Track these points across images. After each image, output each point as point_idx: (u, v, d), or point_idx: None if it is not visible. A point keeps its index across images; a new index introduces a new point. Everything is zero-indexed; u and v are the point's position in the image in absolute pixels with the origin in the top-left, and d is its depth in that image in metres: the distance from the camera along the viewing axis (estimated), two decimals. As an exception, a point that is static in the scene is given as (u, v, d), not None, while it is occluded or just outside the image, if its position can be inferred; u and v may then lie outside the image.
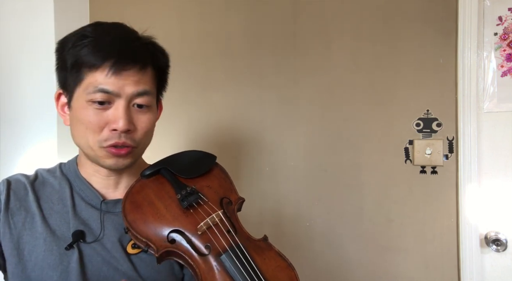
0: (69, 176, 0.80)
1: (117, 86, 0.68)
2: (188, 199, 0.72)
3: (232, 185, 0.81)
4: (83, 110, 0.70)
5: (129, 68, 0.69)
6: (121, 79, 0.69)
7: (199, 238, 0.69)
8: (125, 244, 0.74)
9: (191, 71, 1.50)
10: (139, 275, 0.73)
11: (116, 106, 0.70)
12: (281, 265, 0.69)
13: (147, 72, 0.73)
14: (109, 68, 0.68)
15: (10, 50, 1.44)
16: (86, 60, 0.69)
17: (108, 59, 0.68)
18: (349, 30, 1.40)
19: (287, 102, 1.44)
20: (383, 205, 1.36)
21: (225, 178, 0.81)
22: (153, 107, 0.76)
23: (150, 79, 0.74)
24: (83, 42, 0.69)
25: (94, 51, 0.68)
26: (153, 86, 0.75)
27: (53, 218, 0.74)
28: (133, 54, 0.70)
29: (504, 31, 1.29)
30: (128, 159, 0.74)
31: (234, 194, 0.79)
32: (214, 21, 1.50)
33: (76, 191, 0.78)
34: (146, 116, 0.74)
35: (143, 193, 0.74)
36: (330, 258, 1.40)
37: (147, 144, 0.78)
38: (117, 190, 0.80)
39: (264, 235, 0.74)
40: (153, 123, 0.76)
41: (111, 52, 0.68)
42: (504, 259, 1.28)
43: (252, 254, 0.69)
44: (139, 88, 0.70)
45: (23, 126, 1.43)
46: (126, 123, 0.69)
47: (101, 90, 0.68)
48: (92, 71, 0.69)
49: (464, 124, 1.29)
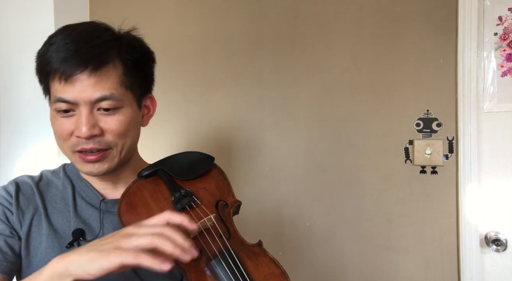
0: (72, 176, 0.81)
1: (74, 93, 0.66)
2: (182, 202, 0.71)
3: (229, 187, 0.79)
4: (53, 119, 0.71)
5: (80, 72, 0.65)
6: (76, 85, 0.66)
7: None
8: None
9: (191, 71, 1.50)
10: (137, 275, 0.73)
11: (78, 113, 0.68)
12: (274, 272, 0.67)
13: (106, 72, 0.68)
14: (59, 76, 0.66)
15: (11, 50, 1.44)
16: (46, 69, 0.68)
17: (59, 65, 0.66)
18: (349, 30, 1.40)
19: (287, 102, 1.44)
20: (383, 205, 1.36)
21: (222, 180, 0.80)
22: (124, 108, 0.71)
23: (112, 79, 0.68)
24: (46, 50, 0.68)
25: (48, 59, 0.67)
26: (118, 87, 0.69)
27: (55, 217, 0.75)
28: (82, 56, 0.66)
29: (504, 31, 1.29)
30: (105, 163, 0.71)
31: (231, 196, 0.77)
32: (214, 21, 1.50)
33: (78, 191, 0.79)
34: (114, 118, 0.70)
35: (139, 194, 0.74)
36: (330, 258, 1.40)
37: (128, 144, 0.74)
38: (117, 190, 0.81)
39: (258, 240, 0.72)
40: (127, 123, 0.71)
41: (61, 58, 0.66)
42: (504, 259, 1.28)
43: (244, 260, 0.67)
44: (96, 94, 0.66)
45: (23, 126, 1.43)
46: (87, 129, 0.67)
47: (59, 100, 0.67)
48: (52, 80, 0.68)
49: (464, 124, 1.29)
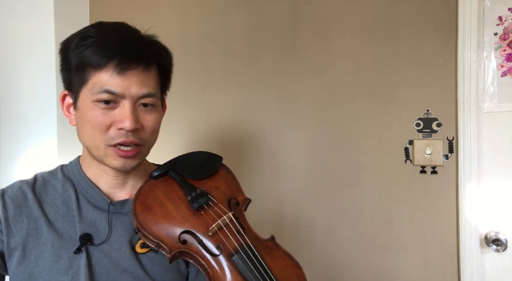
0: (72, 178, 0.79)
1: (122, 87, 0.69)
2: (199, 201, 0.73)
3: (238, 185, 0.82)
4: (90, 110, 0.70)
5: (133, 68, 0.69)
6: (126, 79, 0.69)
7: (210, 239, 0.70)
8: (134, 244, 0.75)
9: (191, 71, 1.50)
10: (147, 275, 0.73)
11: (122, 106, 0.70)
12: (288, 264, 0.72)
13: (151, 72, 0.73)
14: (114, 68, 0.68)
15: (10, 50, 1.44)
16: (91, 61, 0.69)
17: (112, 59, 0.68)
18: (349, 30, 1.40)
19: (287, 102, 1.44)
20: (383, 205, 1.36)
21: (231, 179, 0.83)
22: (158, 106, 0.76)
23: (154, 79, 0.74)
24: (87, 43, 0.69)
25: (98, 51, 0.69)
26: (157, 86, 0.75)
27: (59, 222, 0.73)
28: (136, 54, 0.70)
29: (504, 31, 1.29)
30: (135, 160, 0.74)
31: (241, 194, 0.81)
32: (214, 21, 1.50)
33: (81, 193, 0.77)
34: (152, 115, 0.74)
35: (153, 194, 0.75)
36: (330, 258, 1.40)
37: (153, 143, 0.78)
38: (124, 190, 0.80)
39: (271, 235, 0.77)
40: (159, 121, 0.77)
41: (115, 52, 0.69)
42: (504, 259, 1.28)
43: (262, 254, 0.71)
44: (143, 90, 0.71)
45: (23, 126, 1.43)
46: (133, 122, 0.69)
47: (106, 91, 0.69)
48: (97, 71, 0.69)
49: (464, 124, 1.29)
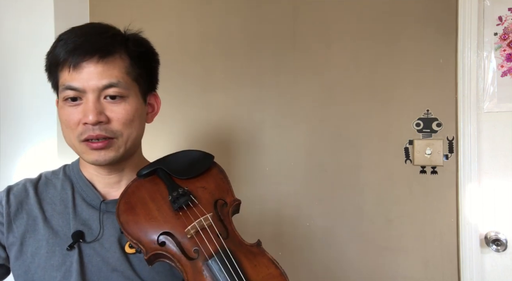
0: (72, 177, 0.81)
1: (81, 81, 0.69)
2: (179, 201, 0.70)
3: (229, 186, 0.78)
4: (61, 109, 0.73)
5: (87, 59, 0.69)
6: (83, 72, 0.69)
7: (188, 241, 0.67)
8: (123, 244, 0.74)
9: (191, 71, 1.50)
10: (137, 275, 0.72)
11: (85, 101, 0.70)
12: (272, 273, 0.65)
13: (113, 62, 0.71)
14: (68, 64, 0.70)
15: (10, 50, 1.44)
16: (54, 60, 0.72)
17: (68, 55, 0.70)
18: (349, 30, 1.40)
19: (287, 102, 1.44)
20: (383, 205, 1.36)
21: (222, 179, 0.79)
22: (130, 98, 0.73)
23: (119, 68, 0.72)
24: (55, 46, 0.72)
25: (59, 50, 0.71)
26: (125, 76, 0.72)
27: (55, 219, 0.75)
28: (90, 45, 0.70)
29: (504, 31, 1.29)
30: (110, 152, 0.72)
31: (230, 195, 0.76)
32: (214, 21, 1.50)
33: (78, 192, 0.78)
34: (121, 106, 0.72)
35: (138, 193, 0.73)
36: (330, 258, 1.40)
37: (133, 135, 0.75)
38: (119, 189, 0.80)
39: (257, 240, 0.70)
40: (132, 113, 0.73)
41: (67, 49, 0.70)
42: (504, 259, 1.28)
43: (241, 260, 0.65)
44: (103, 81, 0.70)
45: (23, 126, 1.42)
46: (94, 115, 0.69)
47: (67, 87, 0.70)
48: (59, 70, 0.72)
49: (464, 124, 1.29)
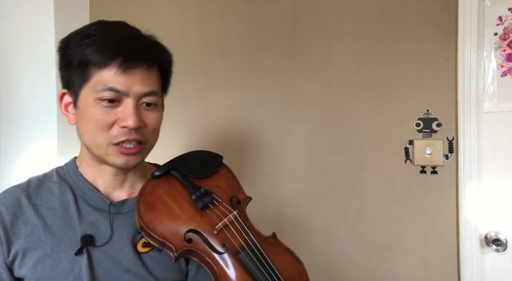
0: (69, 179, 0.78)
1: (126, 85, 0.69)
2: (204, 200, 0.74)
3: (239, 184, 0.84)
4: (91, 108, 0.70)
5: (137, 67, 0.70)
6: (129, 78, 0.69)
7: (216, 237, 0.71)
8: (136, 243, 0.75)
9: (191, 71, 1.50)
10: (150, 273, 0.73)
11: (125, 104, 0.70)
12: (290, 260, 0.75)
13: (153, 71, 0.74)
14: (118, 66, 0.68)
15: (10, 50, 1.44)
16: (93, 59, 0.69)
17: (116, 57, 0.68)
18: (349, 30, 1.40)
19: (287, 102, 1.44)
20: (383, 205, 1.36)
21: (232, 177, 0.84)
22: (159, 106, 0.77)
23: (156, 78, 0.75)
24: (88, 41, 0.69)
25: (101, 49, 0.69)
26: (158, 85, 0.76)
27: (57, 225, 0.72)
28: (140, 53, 0.71)
29: (504, 31, 1.29)
30: (138, 157, 0.74)
31: (242, 193, 0.82)
32: (214, 21, 1.50)
33: (79, 195, 0.76)
34: (153, 113, 0.74)
35: (155, 193, 0.75)
36: (330, 258, 1.40)
37: (155, 142, 0.78)
38: (122, 189, 0.80)
39: (273, 232, 0.78)
40: (160, 121, 0.77)
41: (119, 50, 0.69)
42: (504, 259, 1.28)
43: (266, 251, 0.72)
44: (146, 88, 0.71)
45: (23, 126, 1.43)
46: (136, 120, 0.70)
47: (110, 89, 0.69)
48: (100, 70, 0.69)
49: (464, 124, 1.29)
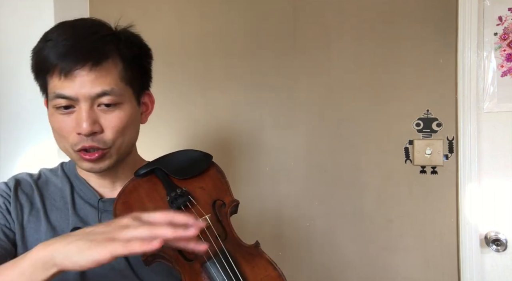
0: (70, 175, 0.81)
1: (73, 89, 0.66)
2: (177, 202, 0.69)
3: (227, 186, 0.77)
4: (52, 117, 0.70)
5: (80, 68, 0.65)
6: (75, 81, 0.65)
7: None
8: None
9: (191, 71, 1.50)
10: (136, 275, 0.72)
11: (78, 109, 0.67)
12: (271, 275, 0.65)
13: (106, 68, 0.68)
14: (60, 71, 0.65)
15: (10, 50, 1.44)
16: (44, 66, 0.67)
17: (58, 61, 0.65)
18: (349, 30, 1.39)
19: (287, 102, 1.44)
20: (383, 205, 1.36)
21: (220, 179, 0.78)
22: (124, 104, 0.71)
23: (112, 75, 0.68)
24: (43, 47, 0.68)
25: (48, 55, 0.66)
26: (118, 82, 0.69)
27: (54, 214, 0.75)
28: (81, 52, 0.66)
29: (504, 31, 1.29)
30: (104, 162, 0.71)
31: (229, 196, 0.75)
32: (214, 21, 1.50)
33: (76, 190, 0.79)
34: (114, 114, 0.69)
35: (136, 193, 0.73)
36: (330, 258, 1.40)
37: (126, 142, 0.73)
38: (115, 189, 0.80)
39: (255, 241, 0.70)
40: (126, 120, 0.71)
41: (60, 53, 0.66)
42: (504, 259, 1.28)
43: (240, 261, 0.65)
44: (96, 89, 0.66)
45: (23, 126, 1.42)
46: (88, 125, 0.66)
47: (59, 96, 0.66)
48: (50, 76, 0.67)
49: (464, 124, 1.29)
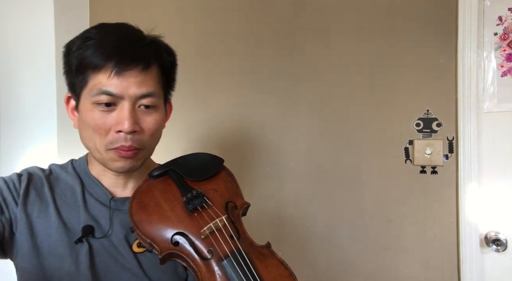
0: (80, 173, 0.81)
1: (120, 88, 0.68)
2: (193, 203, 0.72)
3: (238, 189, 0.80)
4: (89, 112, 0.70)
5: (131, 69, 0.69)
6: (124, 80, 0.68)
7: (202, 242, 0.69)
8: (131, 242, 0.75)
9: (191, 72, 1.50)
10: (145, 273, 0.73)
11: (121, 108, 0.69)
12: (283, 274, 0.68)
13: (151, 72, 0.72)
14: (111, 69, 0.68)
15: (10, 50, 1.44)
16: (89, 62, 0.69)
17: (109, 60, 0.68)
18: (349, 30, 1.40)
19: (287, 102, 1.44)
20: (383, 205, 1.36)
21: (231, 182, 0.81)
22: (160, 108, 0.75)
23: (154, 79, 0.73)
24: (87, 44, 0.69)
25: (96, 52, 0.68)
26: (158, 86, 0.74)
27: (65, 210, 0.75)
28: (134, 54, 0.70)
29: (504, 31, 1.29)
30: (136, 161, 0.74)
31: (240, 198, 0.79)
32: (214, 21, 1.50)
33: (87, 188, 0.79)
34: (152, 116, 0.73)
35: (150, 193, 0.74)
36: (330, 258, 1.40)
37: (154, 145, 0.77)
38: (126, 189, 0.81)
39: (267, 242, 0.73)
40: (160, 123, 0.76)
41: (113, 52, 0.68)
42: (504, 259, 1.28)
43: (254, 261, 0.68)
44: (142, 90, 0.70)
45: (23, 126, 1.42)
46: (131, 124, 0.69)
47: (104, 92, 0.68)
48: (95, 73, 0.69)
49: (464, 124, 1.29)
